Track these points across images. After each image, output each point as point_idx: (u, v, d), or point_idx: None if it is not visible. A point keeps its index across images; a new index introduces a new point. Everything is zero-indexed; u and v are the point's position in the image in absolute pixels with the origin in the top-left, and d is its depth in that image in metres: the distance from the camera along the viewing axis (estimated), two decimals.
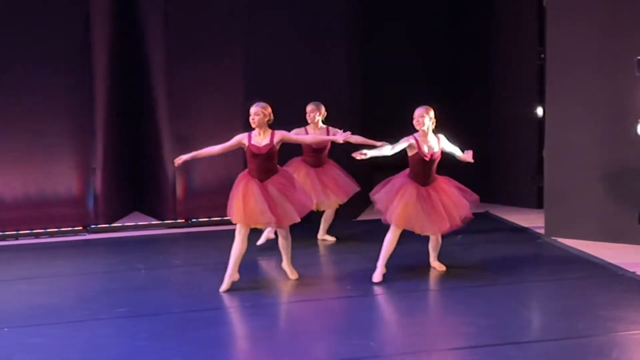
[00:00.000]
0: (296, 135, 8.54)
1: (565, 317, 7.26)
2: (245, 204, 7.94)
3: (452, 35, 12.59)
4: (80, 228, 10.78)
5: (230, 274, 8.07)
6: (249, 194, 7.95)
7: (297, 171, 9.48)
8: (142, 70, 11.18)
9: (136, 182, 11.56)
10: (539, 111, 11.42)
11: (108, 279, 8.81)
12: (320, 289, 8.36)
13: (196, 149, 8.95)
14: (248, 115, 8.15)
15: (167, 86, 10.88)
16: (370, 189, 8.79)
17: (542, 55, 10.83)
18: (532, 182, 11.59)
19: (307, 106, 9.72)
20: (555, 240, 9.89)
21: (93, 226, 10.81)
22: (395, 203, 8.24)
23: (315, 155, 9.73)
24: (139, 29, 11.16)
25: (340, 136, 8.37)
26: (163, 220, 11.08)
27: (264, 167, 8.00)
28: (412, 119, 8.38)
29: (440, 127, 12.63)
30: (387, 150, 8.26)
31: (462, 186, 8.65)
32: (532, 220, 10.81)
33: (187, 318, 7.52)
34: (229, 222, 10.85)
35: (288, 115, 10.77)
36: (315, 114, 9.68)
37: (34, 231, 10.60)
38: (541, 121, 11.06)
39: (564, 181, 9.94)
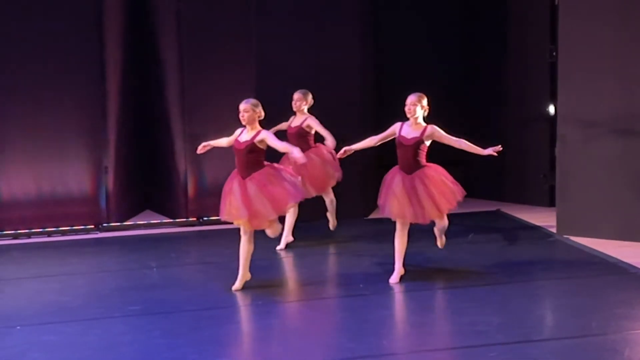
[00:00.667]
0: (274, 141, 8.12)
1: (578, 316, 7.24)
2: (226, 200, 7.98)
3: (464, 33, 12.57)
4: (92, 226, 10.81)
5: (242, 275, 8.09)
6: (231, 191, 7.99)
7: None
8: (155, 69, 11.20)
9: (148, 180, 11.59)
10: (551, 109, 11.41)
11: (120, 277, 8.83)
12: (332, 287, 8.35)
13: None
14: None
15: (179, 85, 10.90)
16: (379, 188, 8.73)
17: (554, 53, 10.81)
18: (544, 180, 11.57)
19: (295, 94, 9.68)
20: (567, 238, 9.87)
21: (105, 225, 10.84)
22: (385, 195, 8.21)
23: (298, 143, 9.34)
24: (152, 27, 11.19)
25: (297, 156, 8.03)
26: (175, 218, 11.10)
27: (245, 164, 7.97)
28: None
29: (452, 124, 12.64)
30: (371, 141, 8.34)
31: (450, 177, 8.55)
32: (544, 218, 10.79)
33: (200, 316, 7.53)
34: None
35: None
36: (302, 102, 9.63)
37: (46, 229, 10.64)
38: (553, 119, 11.04)
39: (576, 179, 9.92)
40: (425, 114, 8.39)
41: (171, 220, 11.11)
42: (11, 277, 8.90)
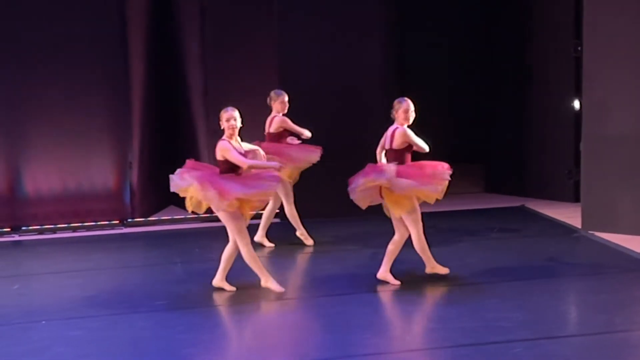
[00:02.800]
0: (235, 156, 7.86)
1: (602, 312, 7.20)
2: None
3: (488, 28, 12.51)
4: (117, 222, 10.86)
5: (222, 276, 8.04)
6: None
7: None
8: (178, 65, 11.23)
9: None
10: (576, 104, 11.34)
11: (145, 272, 8.87)
12: (360, 281, 8.33)
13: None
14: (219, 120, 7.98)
15: (202, 81, 10.93)
16: None
17: (579, 48, 10.75)
18: (569, 175, 11.51)
19: (272, 93, 9.49)
20: (592, 234, 9.81)
21: (129, 220, 10.89)
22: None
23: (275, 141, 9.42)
24: (175, 24, 11.22)
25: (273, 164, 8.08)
26: (199, 214, 11.11)
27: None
28: (394, 111, 8.26)
29: (477, 121, 12.68)
30: (381, 152, 8.22)
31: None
32: (568, 214, 10.74)
33: (224, 311, 7.56)
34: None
35: (322, 108, 10.83)
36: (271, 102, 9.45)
37: (71, 225, 10.70)
38: (578, 114, 10.98)
39: (601, 174, 9.86)
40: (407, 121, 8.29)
41: (195, 215, 11.12)
42: (36, 273, 8.97)
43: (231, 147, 7.79)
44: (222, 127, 7.93)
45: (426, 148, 8.19)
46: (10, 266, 9.24)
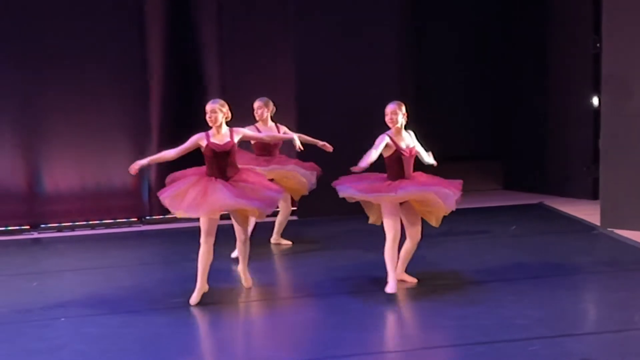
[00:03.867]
0: (253, 132, 8.18)
1: (621, 309, 7.17)
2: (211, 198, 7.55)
3: (505, 25, 12.48)
4: (135, 219, 10.90)
5: (201, 287, 7.71)
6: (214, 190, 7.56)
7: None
8: (195, 63, 11.24)
9: None
10: (595, 101, 11.29)
11: (163, 269, 8.89)
12: (376, 278, 8.34)
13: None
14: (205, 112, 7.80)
15: (220, 78, 10.95)
16: None
17: (598, 44, 10.69)
18: (588, 172, 11.46)
19: (255, 102, 9.27)
20: (611, 231, 9.77)
21: (148, 217, 10.92)
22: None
23: (267, 152, 9.27)
24: (193, 19, 11.23)
25: (292, 135, 8.18)
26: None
27: (224, 165, 7.67)
28: (384, 115, 7.87)
29: (496, 118, 12.58)
30: (374, 155, 7.55)
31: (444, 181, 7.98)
32: (587, 211, 10.69)
33: (243, 308, 7.57)
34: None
35: (340, 105, 10.83)
36: (263, 110, 9.21)
37: (89, 222, 10.75)
38: (596, 111, 10.94)
39: (620, 171, 9.81)
40: (405, 122, 7.90)
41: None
42: (55, 270, 9.01)
43: (192, 138, 7.70)
44: None
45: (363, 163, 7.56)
46: (29, 263, 9.29)
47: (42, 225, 10.68)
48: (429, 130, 13.35)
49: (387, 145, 7.70)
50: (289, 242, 9.66)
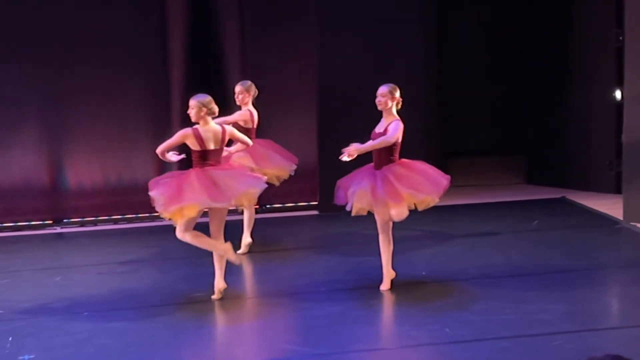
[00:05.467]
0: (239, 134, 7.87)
1: None
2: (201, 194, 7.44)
3: (528, 20, 12.42)
4: (158, 214, 10.90)
5: (220, 284, 7.63)
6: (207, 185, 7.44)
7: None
8: (217, 59, 11.25)
9: None
10: (617, 94, 11.22)
11: (185, 264, 8.91)
12: (401, 270, 8.32)
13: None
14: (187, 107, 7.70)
15: (241, 73, 10.95)
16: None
17: (620, 38, 10.63)
18: (611, 166, 11.40)
19: (236, 86, 9.11)
20: (634, 226, 9.71)
21: None
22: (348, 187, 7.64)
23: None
24: (214, 17, 11.24)
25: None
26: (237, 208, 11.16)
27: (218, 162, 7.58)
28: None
29: (518, 112, 12.49)
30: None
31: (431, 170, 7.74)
32: (610, 205, 10.64)
33: (265, 303, 7.58)
34: (303, 208, 11.00)
35: (362, 100, 10.80)
36: (245, 95, 9.02)
37: (112, 217, 10.79)
38: (619, 105, 10.86)
39: None
40: (399, 106, 7.67)
41: (234, 207, 11.16)
42: (78, 264, 9.05)
43: (177, 133, 7.54)
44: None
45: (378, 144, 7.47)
46: (52, 258, 9.34)
47: (65, 220, 10.73)
48: (452, 126, 13.42)
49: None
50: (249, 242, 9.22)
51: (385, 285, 7.68)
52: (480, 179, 12.64)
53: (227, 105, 9.30)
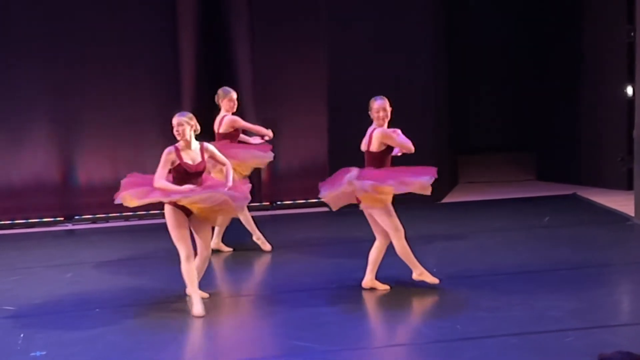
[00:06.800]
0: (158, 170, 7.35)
1: None
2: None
3: (539, 16, 12.39)
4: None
5: (198, 297, 7.22)
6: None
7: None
8: (227, 57, 11.26)
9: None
10: (629, 90, 11.19)
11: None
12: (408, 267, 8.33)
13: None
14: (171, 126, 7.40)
15: (251, 71, 10.97)
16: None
17: (632, 34, 10.59)
18: (622, 163, 11.36)
19: (233, 94, 9.00)
20: None
21: None
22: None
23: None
24: (224, 14, 11.25)
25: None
26: (249, 203, 11.17)
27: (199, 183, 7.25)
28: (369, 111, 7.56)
29: (529, 108, 12.40)
30: None
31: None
32: (621, 202, 10.61)
33: (275, 299, 7.59)
34: (313, 205, 11.00)
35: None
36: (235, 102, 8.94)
37: (123, 214, 10.80)
38: (631, 101, 10.83)
39: None
40: (388, 118, 7.50)
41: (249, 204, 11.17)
42: (89, 261, 9.07)
43: (164, 158, 7.24)
44: None
45: (412, 148, 7.46)
46: (63, 255, 9.36)
47: (77, 217, 10.76)
48: (463, 123, 13.39)
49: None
50: (230, 249, 9.14)
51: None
52: (490, 176, 12.63)
53: (238, 106, 9.31)
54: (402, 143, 7.45)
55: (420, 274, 7.62)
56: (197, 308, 7.06)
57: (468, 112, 13.73)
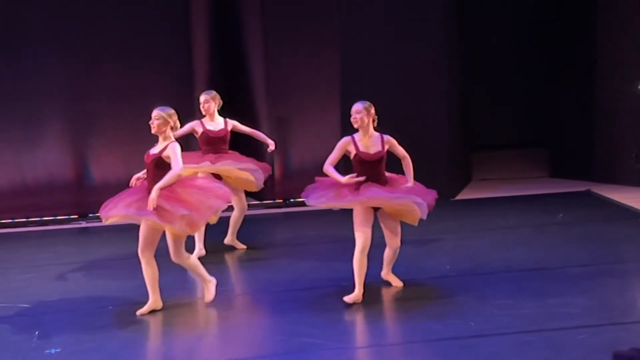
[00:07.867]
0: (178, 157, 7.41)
1: None
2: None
3: (554, 13, 12.36)
4: None
5: (154, 301, 7.29)
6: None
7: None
8: (241, 54, 11.28)
9: None
10: None
11: (209, 258, 8.92)
12: (425, 264, 8.32)
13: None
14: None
15: (264, 69, 10.99)
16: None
17: None
18: (636, 159, 11.33)
19: (201, 96, 8.90)
20: None
21: None
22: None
23: (213, 148, 8.80)
24: (237, 11, 11.27)
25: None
26: (262, 200, 11.19)
27: (153, 179, 7.42)
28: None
29: (544, 104, 12.32)
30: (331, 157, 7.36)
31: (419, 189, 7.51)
32: (635, 198, 10.58)
33: (286, 297, 7.59)
34: None
35: (385, 98, 10.78)
36: (210, 104, 8.79)
37: None
38: None
39: None
40: (374, 124, 7.36)
41: (258, 202, 11.20)
42: (103, 259, 9.10)
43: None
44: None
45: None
46: (77, 252, 9.40)
47: (90, 215, 10.79)
48: (476, 119, 13.37)
49: (350, 148, 7.32)
50: (244, 246, 9.17)
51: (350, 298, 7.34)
52: (504, 173, 12.61)
53: (251, 104, 9.35)
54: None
55: (386, 273, 7.69)
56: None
57: (482, 109, 13.70)
